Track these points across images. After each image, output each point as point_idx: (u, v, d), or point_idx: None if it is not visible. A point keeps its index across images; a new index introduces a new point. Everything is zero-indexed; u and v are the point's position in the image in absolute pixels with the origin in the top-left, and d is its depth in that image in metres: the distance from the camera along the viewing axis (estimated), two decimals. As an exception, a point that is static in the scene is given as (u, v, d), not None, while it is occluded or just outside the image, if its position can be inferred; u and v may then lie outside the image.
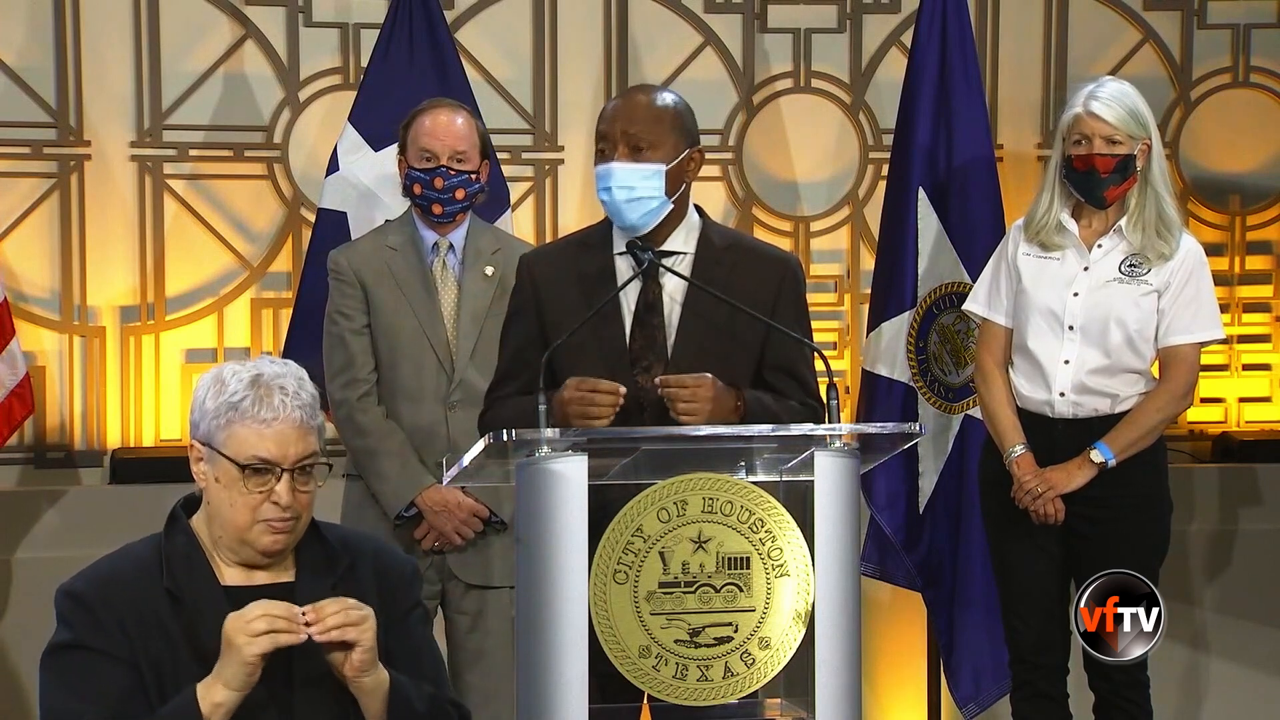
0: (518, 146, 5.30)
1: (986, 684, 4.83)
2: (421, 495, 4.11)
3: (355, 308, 4.16)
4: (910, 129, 4.90)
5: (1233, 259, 5.65)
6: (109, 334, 5.11)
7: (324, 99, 5.20)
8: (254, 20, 5.16)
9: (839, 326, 5.46)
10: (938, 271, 4.87)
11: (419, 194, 4.14)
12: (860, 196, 5.47)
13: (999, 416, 4.24)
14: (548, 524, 2.78)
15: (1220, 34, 5.62)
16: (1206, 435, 5.61)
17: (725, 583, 2.83)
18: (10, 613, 4.86)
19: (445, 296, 4.18)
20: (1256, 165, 5.66)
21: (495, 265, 4.19)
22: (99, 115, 5.09)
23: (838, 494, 2.87)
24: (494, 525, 4.16)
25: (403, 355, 4.14)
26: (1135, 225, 4.15)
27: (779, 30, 5.43)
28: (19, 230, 5.06)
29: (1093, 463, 4.12)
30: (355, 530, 3.08)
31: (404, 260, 4.17)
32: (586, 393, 3.27)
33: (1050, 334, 4.18)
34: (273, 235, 5.20)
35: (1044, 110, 5.53)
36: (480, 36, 5.27)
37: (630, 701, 2.96)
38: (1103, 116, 4.08)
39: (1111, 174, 4.11)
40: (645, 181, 3.38)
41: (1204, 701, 5.40)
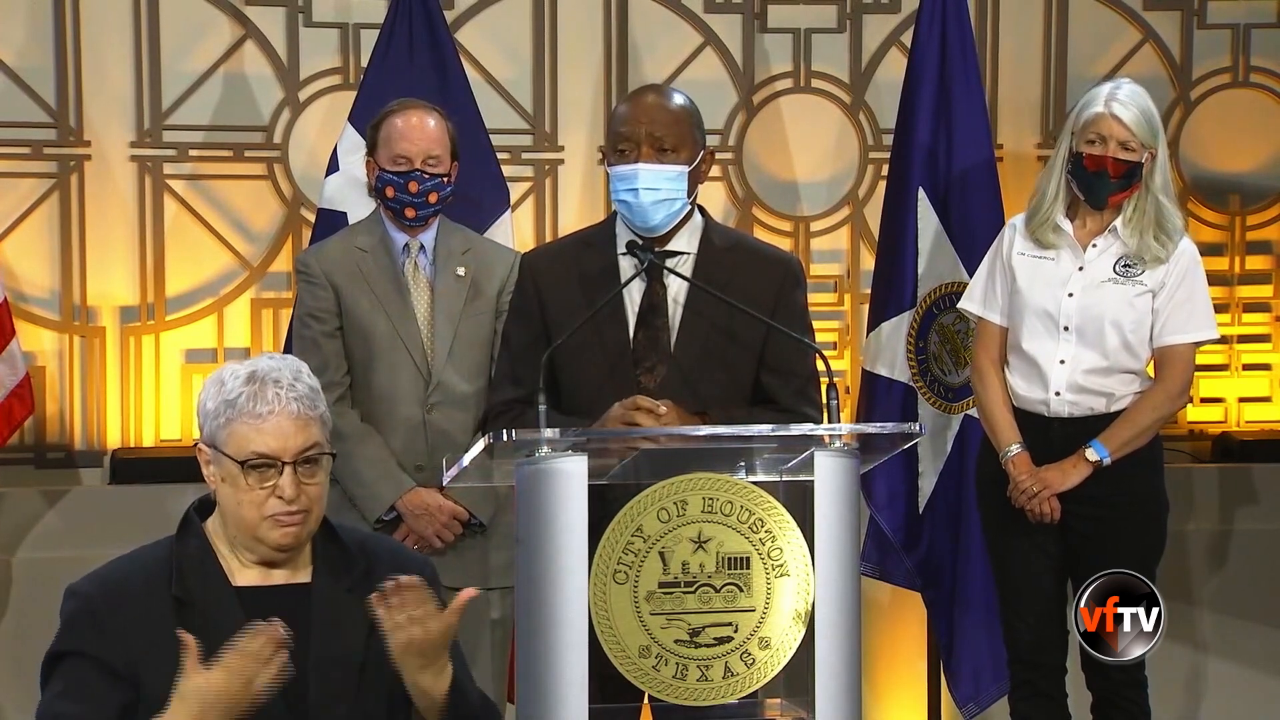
0: (518, 146, 5.30)
1: (986, 684, 4.83)
2: (402, 499, 4.07)
3: (327, 310, 4.11)
4: (910, 129, 4.90)
5: (1233, 259, 5.65)
6: (109, 334, 5.11)
7: (324, 99, 5.20)
8: (254, 20, 5.16)
9: (839, 326, 5.46)
10: (937, 271, 4.87)
11: (391, 197, 4.10)
12: (860, 196, 5.47)
13: (995, 416, 4.24)
14: (548, 524, 2.78)
15: (1220, 34, 5.62)
16: (1206, 435, 5.61)
17: (725, 583, 2.84)
18: (10, 613, 4.86)
19: (418, 298, 4.15)
20: (1256, 165, 5.66)
21: (466, 266, 4.16)
22: (99, 115, 5.09)
23: (838, 494, 2.88)
24: (473, 528, 4.13)
25: (377, 358, 4.10)
26: (1132, 227, 4.15)
27: (779, 30, 5.43)
28: (19, 230, 5.06)
29: (1088, 461, 4.12)
30: (371, 533, 3.07)
31: (375, 262, 4.13)
32: (631, 410, 3.30)
33: (1045, 334, 4.18)
34: (273, 235, 5.20)
35: (1044, 110, 5.53)
36: (480, 36, 5.27)
37: (630, 701, 2.96)
38: (1124, 120, 4.08)
39: (1120, 179, 4.11)
40: (670, 183, 3.39)
41: (1203, 701, 5.40)
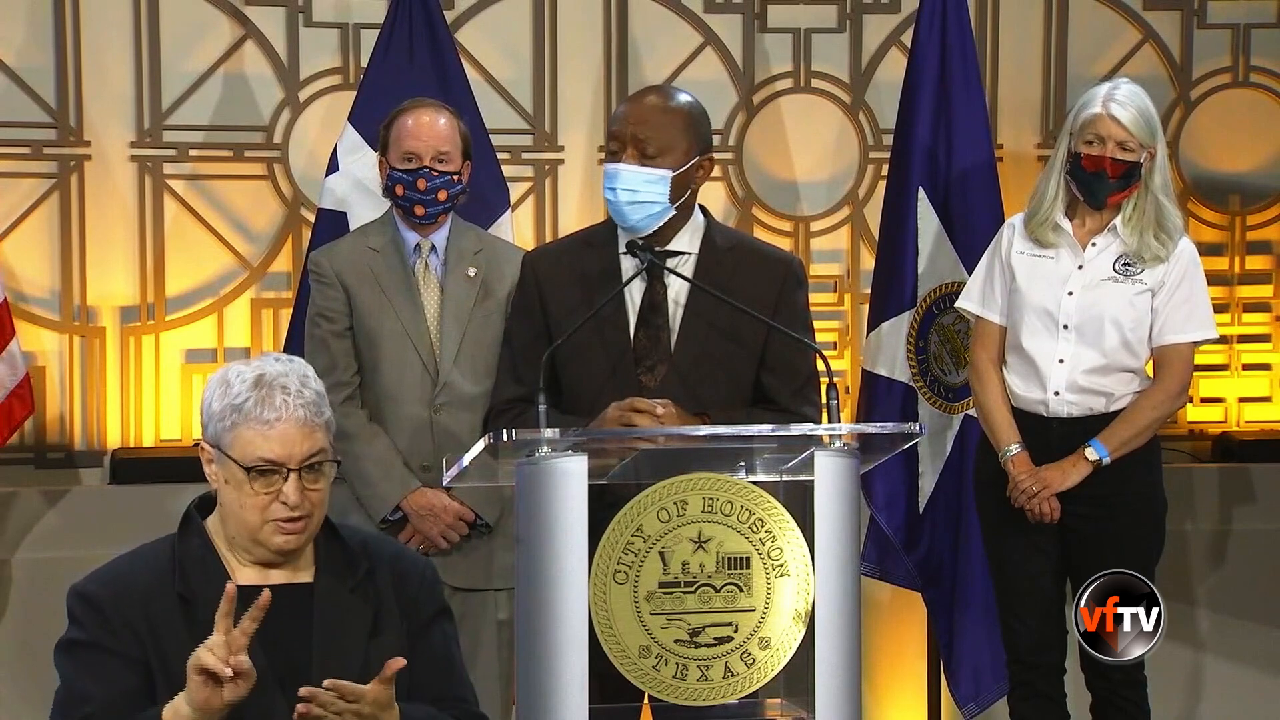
0: (518, 146, 5.30)
1: (986, 684, 4.83)
2: (407, 499, 4.08)
3: (338, 310, 4.12)
4: (910, 129, 4.90)
5: (1233, 259, 5.64)
6: (109, 334, 5.11)
7: (324, 99, 5.20)
8: (254, 20, 5.16)
9: (839, 326, 5.46)
10: (937, 271, 4.87)
11: (401, 195, 4.11)
12: (860, 196, 5.47)
13: (994, 415, 4.24)
14: (548, 524, 2.78)
15: (1220, 34, 5.62)
16: (1206, 435, 5.61)
17: (725, 583, 2.84)
18: (10, 613, 4.86)
19: (428, 298, 4.15)
20: (1256, 165, 5.66)
21: (478, 266, 4.17)
22: (99, 115, 5.09)
23: (838, 494, 2.88)
24: (479, 529, 4.13)
25: (386, 358, 4.10)
26: (1131, 227, 4.15)
27: (779, 30, 5.43)
28: (19, 230, 5.06)
29: (1088, 461, 4.12)
30: (374, 533, 3.07)
31: (386, 262, 4.14)
32: (627, 411, 3.30)
33: (1045, 333, 4.18)
34: (273, 235, 5.20)
35: (1044, 110, 5.52)
36: (480, 36, 5.27)
37: (630, 701, 2.95)
38: (1121, 120, 4.08)
39: (1118, 179, 4.11)
40: (649, 186, 3.39)
41: (1202, 701, 5.40)
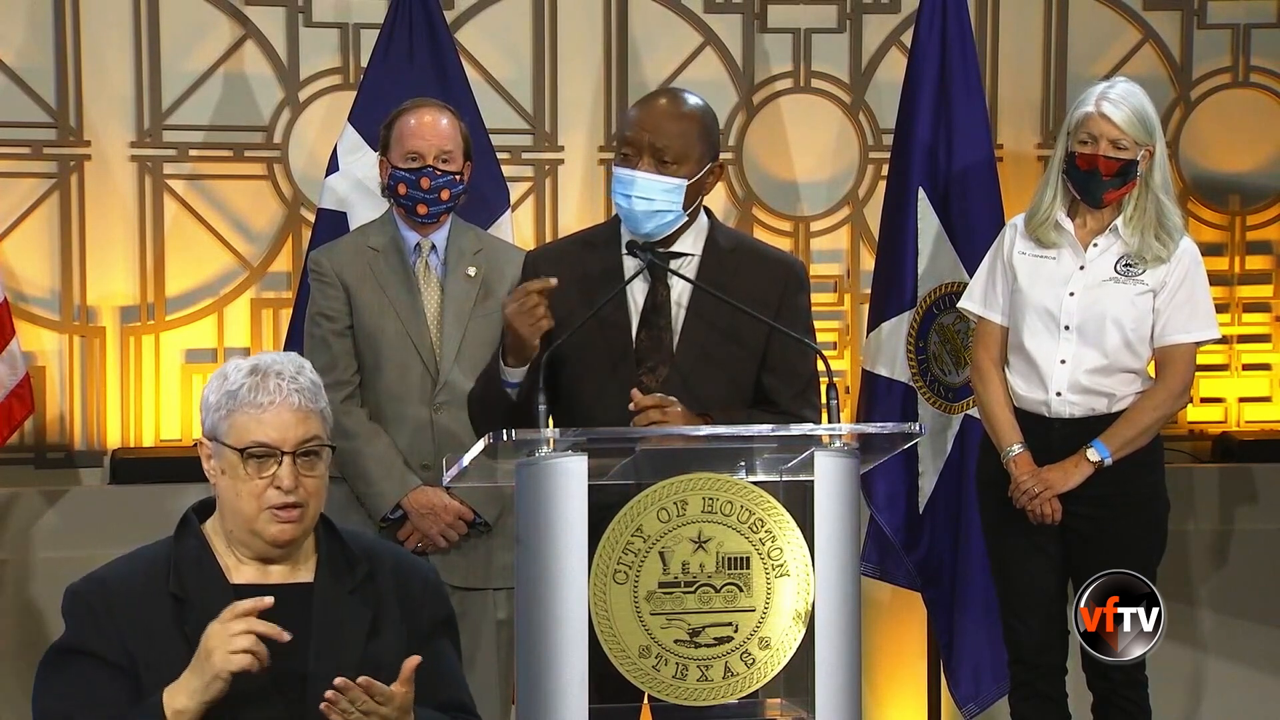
0: (518, 146, 5.30)
1: (986, 684, 4.83)
2: (407, 497, 4.09)
3: (338, 309, 4.13)
4: (910, 129, 4.90)
5: (1233, 259, 5.64)
6: (109, 334, 5.11)
7: (324, 99, 5.20)
8: (254, 20, 5.16)
9: (839, 326, 5.46)
10: (937, 271, 4.87)
11: (404, 194, 4.12)
12: (860, 196, 5.47)
13: (996, 416, 4.24)
14: (548, 524, 2.78)
15: (1220, 34, 5.62)
16: (1206, 435, 5.61)
17: (725, 583, 2.84)
18: (10, 613, 4.86)
19: (428, 298, 4.16)
20: (1256, 165, 5.66)
21: (478, 266, 4.18)
22: (99, 115, 5.09)
23: (838, 494, 2.88)
24: (478, 528, 4.14)
25: (386, 357, 4.11)
26: (1133, 226, 4.15)
27: (779, 30, 5.43)
28: (19, 230, 5.06)
29: (1089, 461, 4.12)
30: (376, 538, 3.07)
31: (386, 261, 4.15)
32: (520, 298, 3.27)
33: (1046, 333, 4.18)
34: (273, 235, 5.20)
35: (1044, 110, 5.52)
36: (480, 36, 5.27)
37: (630, 701, 2.95)
38: (1113, 119, 4.09)
39: (1113, 177, 4.11)
40: (665, 195, 3.38)
41: (1203, 700, 5.40)
